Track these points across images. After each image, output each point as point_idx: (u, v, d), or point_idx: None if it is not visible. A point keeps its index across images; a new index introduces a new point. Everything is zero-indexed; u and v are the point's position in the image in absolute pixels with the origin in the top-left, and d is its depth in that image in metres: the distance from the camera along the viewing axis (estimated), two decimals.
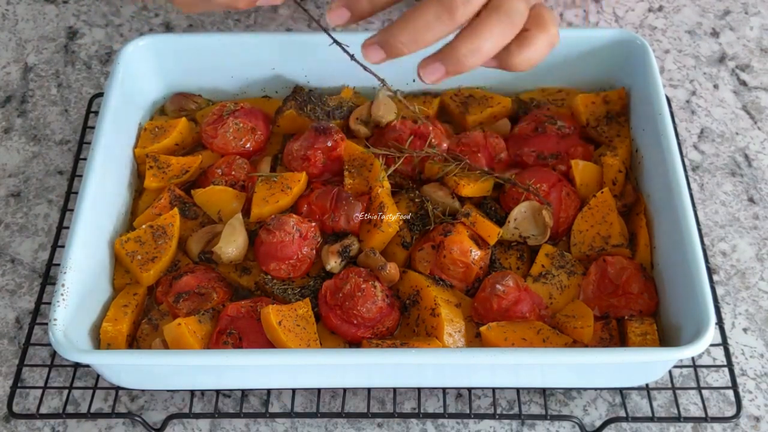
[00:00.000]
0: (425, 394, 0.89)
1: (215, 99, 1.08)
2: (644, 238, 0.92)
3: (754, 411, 0.88)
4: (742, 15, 1.24)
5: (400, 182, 0.98)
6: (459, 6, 0.68)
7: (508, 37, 0.70)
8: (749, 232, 1.01)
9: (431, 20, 0.68)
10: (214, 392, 0.89)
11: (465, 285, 0.90)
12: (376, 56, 0.71)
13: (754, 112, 1.13)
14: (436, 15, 0.68)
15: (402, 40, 0.69)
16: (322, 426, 0.87)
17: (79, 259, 0.85)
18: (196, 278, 0.89)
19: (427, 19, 0.68)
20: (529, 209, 0.93)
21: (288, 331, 0.83)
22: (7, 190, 1.06)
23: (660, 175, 0.91)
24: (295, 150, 0.98)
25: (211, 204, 0.96)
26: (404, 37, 0.69)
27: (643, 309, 0.88)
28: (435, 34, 0.69)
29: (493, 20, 0.69)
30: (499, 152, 0.99)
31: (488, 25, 0.69)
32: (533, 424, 0.87)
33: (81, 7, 1.27)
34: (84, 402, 0.89)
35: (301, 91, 1.05)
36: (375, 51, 0.71)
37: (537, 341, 0.84)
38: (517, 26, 0.70)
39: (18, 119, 1.14)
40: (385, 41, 0.70)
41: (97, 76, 1.18)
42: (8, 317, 0.96)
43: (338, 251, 0.90)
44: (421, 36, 0.69)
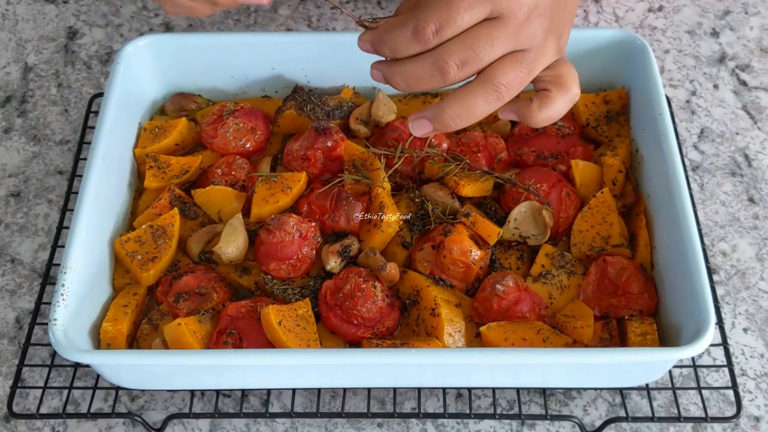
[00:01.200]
0: (425, 394, 0.89)
1: (215, 99, 1.08)
2: (644, 238, 0.92)
3: (754, 411, 0.88)
4: (742, 15, 1.24)
5: (400, 182, 0.98)
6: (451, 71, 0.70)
7: (496, 106, 0.72)
8: (749, 232, 1.01)
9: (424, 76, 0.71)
10: (214, 392, 0.89)
11: (465, 285, 0.90)
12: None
13: (754, 112, 1.13)
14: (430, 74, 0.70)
15: (397, 80, 0.72)
16: (322, 426, 0.87)
17: (79, 259, 0.85)
18: (196, 278, 0.89)
19: (420, 74, 0.71)
20: (529, 209, 0.93)
21: (288, 331, 0.83)
22: (7, 190, 1.06)
23: (660, 175, 0.91)
24: (295, 150, 0.98)
25: (211, 204, 0.96)
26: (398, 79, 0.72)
27: (643, 309, 0.88)
28: (424, 87, 0.72)
29: (480, 93, 0.71)
30: (499, 152, 0.99)
31: (474, 96, 0.71)
32: (533, 424, 0.87)
33: (81, 7, 1.27)
34: (84, 402, 0.89)
35: (301, 91, 1.05)
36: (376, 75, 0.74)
37: (537, 341, 0.84)
38: (504, 99, 0.71)
39: (18, 119, 1.14)
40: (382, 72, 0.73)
41: (97, 76, 1.18)
42: (8, 317, 0.96)
43: (338, 251, 0.90)
44: (412, 84, 0.72)
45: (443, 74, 0.70)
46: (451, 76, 0.70)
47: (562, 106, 0.74)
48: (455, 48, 0.70)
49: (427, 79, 0.71)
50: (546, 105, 0.74)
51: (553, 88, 0.74)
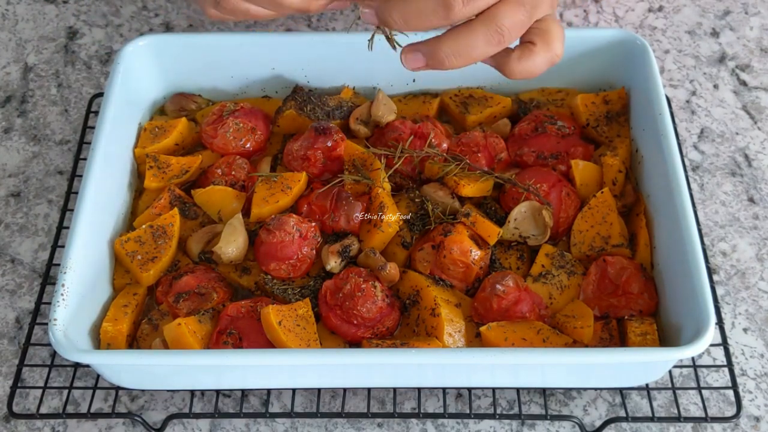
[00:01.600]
0: (425, 394, 0.89)
1: (215, 99, 1.08)
2: (644, 238, 0.92)
3: (754, 411, 0.88)
4: (742, 15, 1.24)
5: (400, 182, 0.98)
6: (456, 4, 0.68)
7: (496, 48, 0.70)
8: (749, 232, 1.01)
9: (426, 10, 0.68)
10: (214, 392, 0.89)
11: (465, 285, 0.90)
12: (369, 18, 0.71)
13: (754, 112, 1.13)
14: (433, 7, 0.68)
15: (394, 17, 0.69)
16: (322, 426, 0.87)
17: (79, 259, 0.85)
18: (196, 278, 0.89)
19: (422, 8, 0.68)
20: (529, 209, 0.93)
21: (288, 331, 0.83)
22: (7, 190, 1.06)
23: (660, 175, 0.91)
24: (295, 150, 0.98)
25: (211, 204, 0.96)
26: (396, 15, 0.69)
27: (643, 309, 0.88)
28: (426, 24, 0.69)
29: (481, 32, 0.69)
30: (499, 152, 0.99)
31: (475, 35, 0.69)
32: (533, 424, 0.87)
33: (81, 7, 1.27)
34: (84, 402, 0.89)
35: (301, 91, 1.05)
36: (370, 16, 0.71)
37: (537, 341, 0.84)
38: (505, 41, 0.70)
39: (18, 119, 1.14)
40: (381, 12, 0.70)
41: (97, 76, 1.18)
42: (8, 317, 0.96)
43: (338, 251, 0.90)
44: (411, 20, 0.69)
45: (448, 8, 0.68)
46: (456, 10, 0.68)
47: (541, 61, 0.73)
48: None
49: (430, 14, 0.68)
50: (526, 56, 0.72)
51: (538, 42, 0.72)
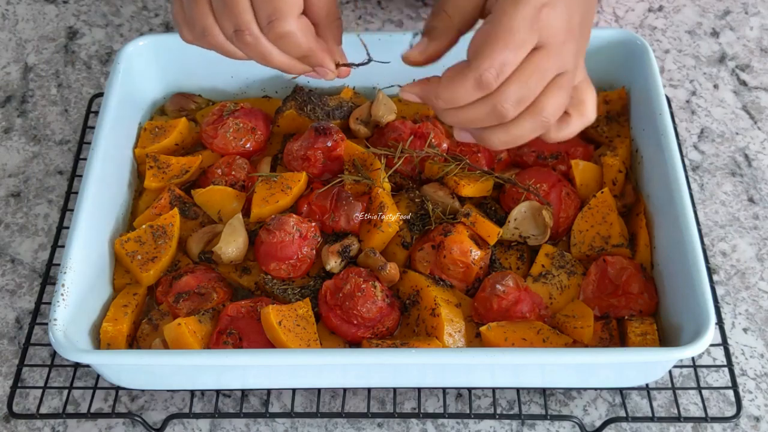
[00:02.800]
0: (425, 394, 0.89)
1: (215, 99, 1.08)
2: (644, 238, 0.92)
3: (754, 411, 0.88)
4: (742, 15, 1.24)
5: (400, 182, 0.98)
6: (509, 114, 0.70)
7: (540, 133, 0.73)
8: (749, 232, 1.01)
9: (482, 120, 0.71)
10: (214, 392, 0.89)
11: (465, 285, 0.90)
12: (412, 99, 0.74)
13: (754, 112, 1.13)
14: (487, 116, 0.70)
15: (440, 105, 0.71)
16: (322, 426, 0.87)
17: (79, 259, 0.85)
18: (196, 278, 0.89)
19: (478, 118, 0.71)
20: (529, 209, 0.93)
21: (288, 331, 0.83)
22: (7, 190, 1.06)
23: (660, 175, 0.91)
24: (295, 150, 0.98)
25: (211, 204, 0.96)
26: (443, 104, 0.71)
27: (643, 309, 0.88)
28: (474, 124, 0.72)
29: (528, 125, 0.71)
30: (499, 152, 0.99)
31: (523, 129, 0.71)
32: (533, 424, 0.87)
33: (81, 7, 1.27)
34: (84, 402, 0.89)
35: (301, 91, 1.05)
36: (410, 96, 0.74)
37: (537, 341, 0.84)
38: (550, 125, 0.72)
39: (18, 119, 1.14)
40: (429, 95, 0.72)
41: (97, 76, 1.18)
42: (8, 317, 0.96)
43: (338, 251, 0.90)
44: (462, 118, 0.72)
45: (501, 117, 0.70)
46: (510, 117, 0.70)
47: (577, 128, 0.76)
48: (512, 90, 0.69)
49: (485, 121, 0.71)
50: (563, 127, 0.75)
51: (574, 112, 0.75)
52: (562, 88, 0.71)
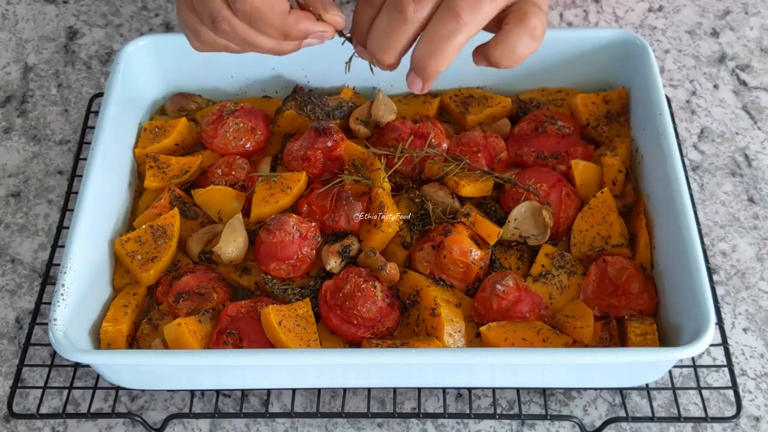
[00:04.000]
0: (425, 394, 0.89)
1: (215, 99, 1.08)
2: (644, 238, 0.92)
3: (754, 411, 0.88)
4: (742, 15, 1.24)
5: (400, 182, 0.98)
6: (408, 6, 0.69)
7: (462, 35, 0.69)
8: (749, 232, 1.01)
9: (387, 26, 0.70)
10: (214, 392, 0.89)
11: (465, 285, 0.90)
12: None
13: (754, 112, 1.13)
14: (390, 20, 0.70)
15: (372, 48, 0.71)
16: (322, 426, 0.87)
17: (79, 259, 0.85)
18: (196, 278, 0.89)
19: (383, 27, 0.70)
20: (529, 209, 0.93)
21: (288, 331, 0.83)
22: (7, 190, 1.06)
23: (660, 175, 0.91)
24: (295, 150, 0.98)
25: (211, 204, 0.96)
26: (372, 46, 0.71)
27: (643, 309, 0.88)
28: (397, 39, 0.70)
29: (438, 22, 0.69)
30: (499, 152, 0.99)
31: (434, 27, 0.69)
32: (533, 424, 0.87)
33: (81, 7, 1.27)
34: (84, 402, 0.89)
35: (301, 91, 1.05)
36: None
37: (537, 341, 0.84)
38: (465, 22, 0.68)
39: (18, 119, 1.14)
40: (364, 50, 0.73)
41: (97, 76, 1.18)
42: (8, 317, 0.96)
43: (338, 251, 0.90)
44: (385, 43, 0.71)
45: (401, 11, 0.69)
46: (410, 11, 0.69)
47: (520, 41, 0.70)
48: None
49: (392, 27, 0.69)
50: (501, 39, 0.70)
51: (511, 20, 0.70)
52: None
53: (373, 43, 0.71)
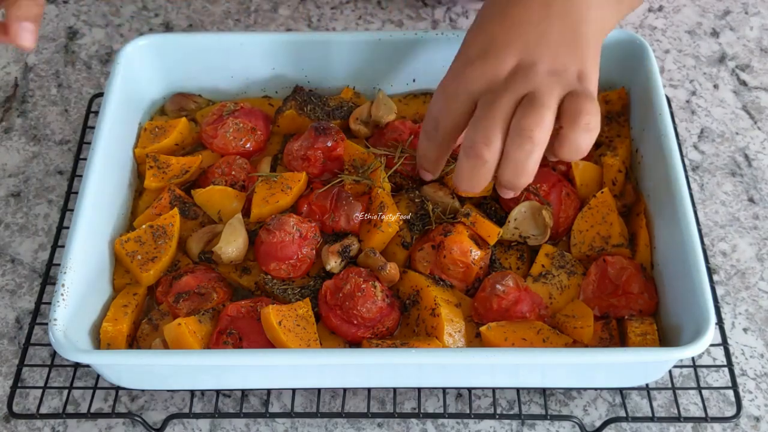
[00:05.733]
0: (425, 394, 0.89)
1: (215, 99, 1.08)
2: (644, 238, 0.92)
3: (754, 411, 0.88)
4: (742, 15, 1.24)
5: (400, 182, 0.98)
6: (483, 152, 0.75)
7: (538, 151, 0.75)
8: (749, 232, 1.01)
9: (471, 170, 0.77)
10: (214, 392, 0.89)
11: (465, 285, 0.90)
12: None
13: (754, 112, 1.13)
14: (472, 166, 0.77)
15: (464, 188, 0.79)
16: (322, 426, 0.87)
17: (79, 259, 0.85)
18: (196, 278, 0.89)
19: (468, 171, 0.77)
20: (529, 209, 0.93)
21: (288, 331, 0.83)
22: (7, 190, 1.06)
23: (660, 175, 0.91)
24: (295, 150, 0.98)
25: (211, 204, 0.96)
26: (464, 187, 0.79)
27: (643, 309, 0.88)
28: (482, 178, 0.78)
29: (514, 149, 0.75)
30: None
31: (512, 155, 0.75)
32: (533, 424, 0.87)
33: (81, 7, 1.27)
34: (84, 402, 0.89)
35: (301, 91, 1.05)
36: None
37: (537, 341, 0.84)
38: (538, 139, 0.74)
39: (18, 119, 1.14)
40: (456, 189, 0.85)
41: (97, 76, 1.18)
42: (8, 317, 0.96)
43: (338, 251, 0.90)
44: (473, 183, 0.78)
45: (479, 157, 0.75)
46: (486, 154, 0.75)
47: (579, 139, 0.75)
48: (471, 132, 0.76)
49: (474, 170, 0.77)
50: (563, 142, 0.75)
51: (565, 124, 0.75)
52: (530, 101, 0.74)
53: (462, 185, 0.78)
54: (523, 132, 0.74)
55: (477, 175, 0.77)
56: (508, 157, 0.75)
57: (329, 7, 1.26)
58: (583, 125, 0.75)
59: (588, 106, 0.75)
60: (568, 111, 0.75)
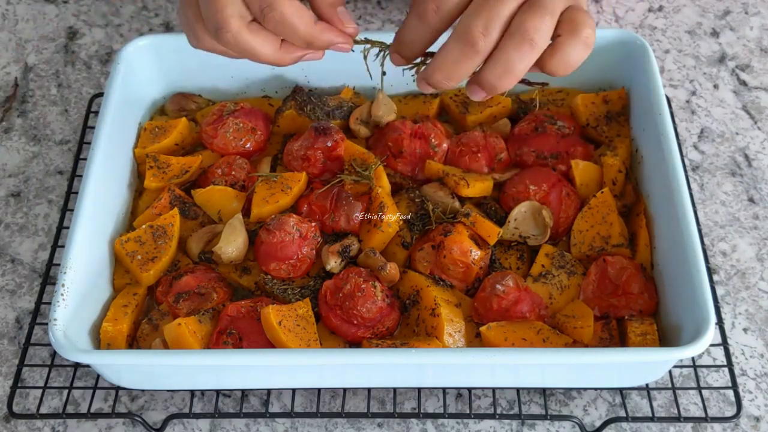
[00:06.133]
0: (425, 394, 0.89)
1: (215, 99, 1.08)
2: (644, 238, 0.92)
3: (754, 411, 0.88)
4: (742, 15, 1.24)
5: (400, 182, 0.98)
6: (479, 39, 0.71)
7: (533, 55, 0.72)
8: (749, 232, 1.01)
9: (458, 57, 0.72)
10: (214, 392, 0.89)
11: (465, 285, 0.90)
12: (427, 89, 0.76)
13: (754, 112, 1.13)
14: (461, 52, 0.72)
15: (438, 78, 0.74)
16: (322, 426, 0.87)
17: (79, 259, 0.85)
18: (196, 278, 0.89)
19: (454, 57, 0.72)
20: (529, 209, 0.93)
21: (288, 331, 0.83)
22: (7, 190, 1.06)
23: (660, 175, 0.91)
24: (295, 150, 0.98)
25: (211, 204, 0.96)
26: (439, 76, 0.74)
27: (643, 309, 0.88)
28: (466, 69, 0.73)
29: (511, 47, 0.71)
30: (499, 152, 0.99)
31: (507, 52, 0.71)
32: (533, 424, 0.87)
33: (81, 7, 1.27)
34: (84, 402, 0.89)
35: (301, 91, 1.05)
36: (424, 85, 0.76)
37: (537, 341, 0.84)
38: (537, 44, 0.72)
39: (18, 119, 1.14)
40: (427, 79, 0.75)
41: (97, 76, 1.18)
42: (8, 317, 0.96)
43: (338, 251, 0.90)
44: (453, 73, 0.73)
45: (472, 45, 0.71)
46: (480, 44, 0.71)
47: (574, 50, 0.73)
48: (471, 17, 0.71)
49: (462, 58, 0.72)
50: (557, 50, 0.73)
51: (564, 32, 0.73)
52: (539, 5, 0.71)
53: (438, 74, 0.73)
54: (526, 33, 0.71)
55: (460, 66, 0.73)
56: (500, 55, 0.72)
57: None
58: (584, 37, 0.73)
59: (590, 21, 0.74)
60: (571, 21, 0.73)
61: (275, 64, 0.78)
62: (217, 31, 0.74)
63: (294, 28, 0.74)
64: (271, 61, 0.77)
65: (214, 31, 0.75)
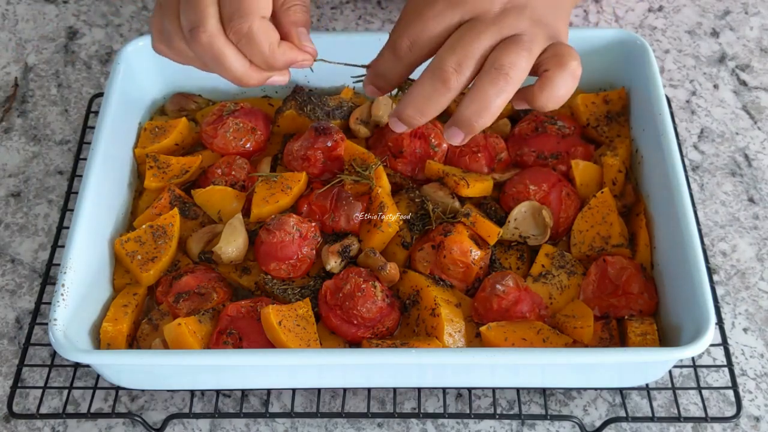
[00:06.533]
0: (425, 394, 0.89)
1: (215, 99, 1.08)
2: (644, 238, 0.92)
3: (754, 411, 0.88)
4: (742, 15, 1.24)
5: (400, 182, 0.98)
6: (451, 76, 0.71)
7: (509, 90, 0.72)
8: (749, 232, 1.01)
9: (430, 93, 0.72)
10: (214, 392, 0.89)
11: (465, 285, 0.90)
12: (399, 128, 0.76)
13: (754, 112, 1.13)
14: (433, 88, 0.72)
15: (409, 113, 0.74)
16: (322, 426, 0.87)
17: (79, 259, 0.85)
18: (196, 278, 0.89)
19: (426, 93, 0.72)
20: (529, 209, 0.93)
21: (288, 331, 0.83)
22: (7, 190, 1.06)
23: (660, 175, 0.91)
24: (295, 150, 0.98)
25: (211, 204, 0.96)
26: (410, 111, 0.73)
27: (643, 309, 0.88)
28: (437, 105, 0.73)
29: (487, 82, 0.71)
30: (500, 152, 0.99)
31: (483, 88, 0.71)
32: (533, 424, 0.87)
33: (81, 7, 1.27)
34: (84, 402, 0.89)
35: (301, 91, 1.05)
36: (396, 123, 0.76)
37: (537, 341, 0.84)
38: (513, 79, 0.71)
39: (18, 119, 1.14)
40: (398, 115, 0.75)
41: (97, 76, 1.18)
42: (8, 317, 0.96)
43: (338, 251, 0.90)
44: (425, 109, 0.73)
45: (444, 81, 0.71)
46: (453, 81, 0.71)
47: (563, 83, 0.73)
48: (444, 54, 0.71)
49: (434, 94, 0.72)
50: (546, 84, 0.73)
51: (551, 66, 0.73)
52: (515, 43, 0.72)
53: (410, 109, 0.73)
54: (501, 68, 0.71)
55: (433, 102, 0.72)
56: (476, 92, 0.71)
57: (329, 7, 1.26)
58: (571, 69, 0.73)
59: (575, 54, 0.74)
60: (556, 54, 0.73)
61: (240, 82, 0.75)
62: (192, 30, 0.72)
63: (258, 45, 0.72)
64: (238, 76, 0.75)
65: (189, 30, 0.72)
